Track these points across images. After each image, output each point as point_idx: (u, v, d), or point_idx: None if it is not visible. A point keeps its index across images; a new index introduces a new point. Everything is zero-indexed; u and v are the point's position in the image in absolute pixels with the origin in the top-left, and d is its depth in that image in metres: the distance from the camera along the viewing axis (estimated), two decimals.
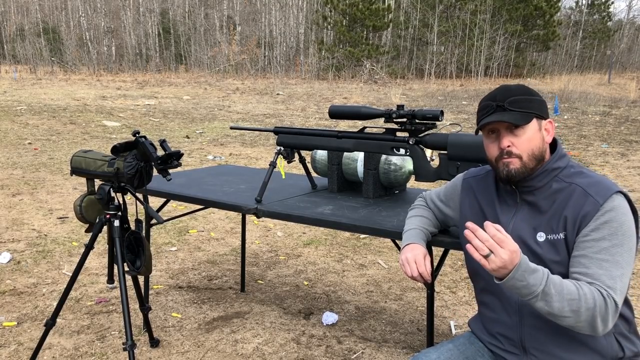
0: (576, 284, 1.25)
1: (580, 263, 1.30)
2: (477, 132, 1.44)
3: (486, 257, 1.19)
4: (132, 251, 2.13)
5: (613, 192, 1.32)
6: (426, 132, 1.98)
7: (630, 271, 1.30)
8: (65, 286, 3.00)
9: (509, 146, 1.37)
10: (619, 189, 1.34)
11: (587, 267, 1.28)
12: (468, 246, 1.22)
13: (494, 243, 1.19)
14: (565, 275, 1.34)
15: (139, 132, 2.04)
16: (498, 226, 1.22)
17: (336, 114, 2.13)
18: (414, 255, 1.57)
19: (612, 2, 31.76)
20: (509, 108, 1.35)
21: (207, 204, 2.40)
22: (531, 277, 1.21)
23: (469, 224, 1.23)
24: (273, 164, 2.36)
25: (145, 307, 2.46)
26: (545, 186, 1.39)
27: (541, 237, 1.38)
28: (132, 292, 2.93)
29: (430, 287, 1.88)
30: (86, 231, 2.25)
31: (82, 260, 2.18)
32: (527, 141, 1.36)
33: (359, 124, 9.46)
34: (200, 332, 2.77)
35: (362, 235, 4.34)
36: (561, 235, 1.35)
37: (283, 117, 12.15)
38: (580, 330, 1.26)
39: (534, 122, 1.37)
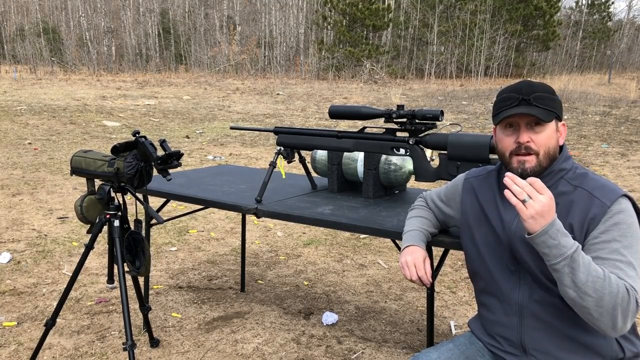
0: (602, 267, 1.24)
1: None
2: (497, 123, 1.41)
3: (524, 202, 1.20)
4: (130, 252, 2.13)
5: (619, 195, 1.32)
6: (426, 132, 1.98)
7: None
8: (65, 286, 3.00)
9: (528, 142, 1.35)
10: (625, 192, 1.34)
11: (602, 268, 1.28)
12: (506, 192, 1.23)
13: (532, 189, 1.20)
14: None
15: (139, 132, 2.04)
16: (536, 181, 1.23)
17: (336, 114, 2.13)
18: (414, 259, 1.57)
19: (612, 2, 31.78)
20: (535, 103, 1.34)
21: (207, 204, 2.40)
22: (563, 239, 1.21)
23: (509, 173, 1.25)
24: (273, 164, 2.36)
25: (145, 307, 2.46)
26: (551, 187, 1.38)
27: None
28: (132, 292, 2.94)
29: (430, 287, 1.88)
30: (88, 232, 2.25)
31: (82, 260, 2.18)
32: (546, 139, 1.36)
33: (359, 124, 9.46)
34: (200, 332, 2.77)
35: (362, 235, 4.34)
36: None
37: (283, 117, 12.15)
38: (598, 321, 1.23)
39: (553, 122, 1.37)
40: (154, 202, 2.78)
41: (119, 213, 2.14)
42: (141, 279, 2.77)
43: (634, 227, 1.30)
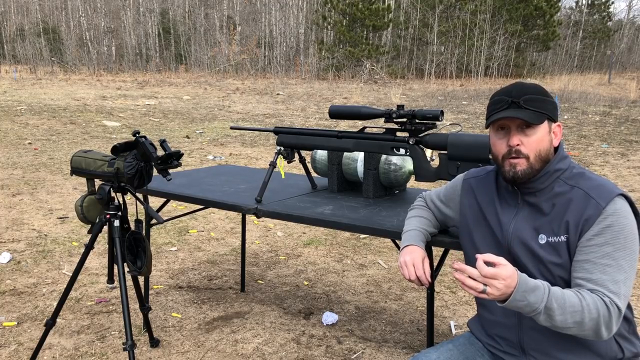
0: (578, 295, 1.25)
1: (583, 268, 1.29)
2: (487, 127, 1.42)
3: (483, 292, 1.21)
4: (131, 252, 2.13)
5: (615, 195, 1.31)
6: (426, 132, 1.98)
7: (634, 274, 1.30)
8: (65, 286, 3.00)
9: (518, 145, 1.35)
10: (621, 192, 1.33)
11: (590, 273, 1.28)
12: (463, 286, 1.23)
13: (485, 278, 1.20)
14: (566, 278, 1.33)
15: (139, 132, 2.04)
16: (488, 256, 1.22)
17: (336, 114, 2.13)
18: (413, 259, 1.56)
19: (612, 2, 31.80)
20: (524, 106, 1.34)
21: (207, 204, 2.40)
22: (532, 296, 1.21)
23: (456, 264, 1.24)
24: (273, 164, 2.36)
25: (145, 307, 2.46)
26: (547, 188, 1.38)
27: (542, 239, 1.37)
28: (132, 292, 2.93)
29: (430, 287, 1.88)
30: (89, 232, 2.25)
31: (82, 260, 2.19)
32: (537, 142, 1.35)
33: (359, 124, 9.46)
34: (200, 332, 2.77)
35: (362, 235, 4.34)
36: (563, 238, 1.34)
37: (283, 117, 12.15)
38: (584, 337, 1.27)
39: (545, 123, 1.36)
40: (154, 202, 2.78)
41: (119, 213, 2.14)
42: (141, 279, 2.77)
43: (628, 228, 1.30)
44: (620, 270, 1.27)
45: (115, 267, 2.17)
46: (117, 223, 2.12)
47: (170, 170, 2.13)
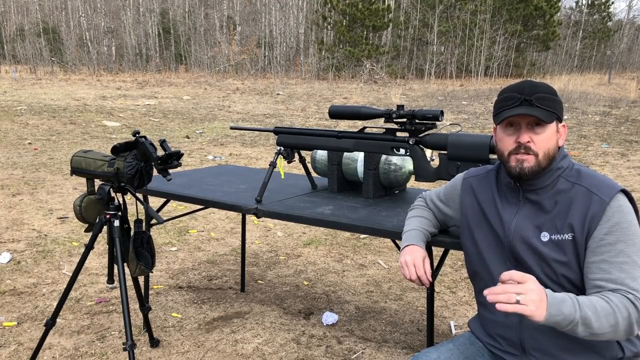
0: (604, 298, 1.23)
1: (600, 269, 1.29)
2: (498, 123, 1.40)
3: (517, 302, 1.14)
4: (139, 252, 2.14)
5: (617, 190, 1.33)
6: (426, 132, 1.98)
7: None
8: (65, 286, 3.00)
9: (528, 142, 1.35)
10: (622, 188, 1.35)
11: (609, 273, 1.28)
12: (498, 306, 1.15)
13: (515, 285, 1.15)
14: (571, 277, 1.34)
15: (139, 132, 2.04)
16: (512, 273, 1.17)
17: (336, 114, 2.13)
18: (413, 258, 1.56)
19: (612, 2, 31.78)
20: (536, 104, 1.33)
21: (207, 204, 2.40)
22: (565, 308, 1.18)
23: (485, 291, 1.17)
24: (273, 164, 2.36)
25: (145, 307, 2.46)
26: (549, 185, 1.39)
27: (545, 236, 1.37)
28: (132, 292, 2.93)
29: (430, 287, 1.88)
30: (86, 231, 2.25)
31: (82, 260, 2.18)
32: (546, 140, 1.35)
33: (359, 124, 9.46)
34: (200, 332, 2.77)
35: (362, 235, 4.34)
36: (568, 237, 1.34)
37: (283, 117, 12.15)
38: (617, 339, 1.25)
39: (554, 123, 1.37)
40: (154, 202, 2.78)
41: (119, 213, 2.14)
42: (141, 279, 2.77)
43: (634, 223, 1.31)
44: (635, 267, 1.27)
45: (116, 267, 2.17)
46: (117, 223, 2.12)
47: (170, 170, 2.13)
